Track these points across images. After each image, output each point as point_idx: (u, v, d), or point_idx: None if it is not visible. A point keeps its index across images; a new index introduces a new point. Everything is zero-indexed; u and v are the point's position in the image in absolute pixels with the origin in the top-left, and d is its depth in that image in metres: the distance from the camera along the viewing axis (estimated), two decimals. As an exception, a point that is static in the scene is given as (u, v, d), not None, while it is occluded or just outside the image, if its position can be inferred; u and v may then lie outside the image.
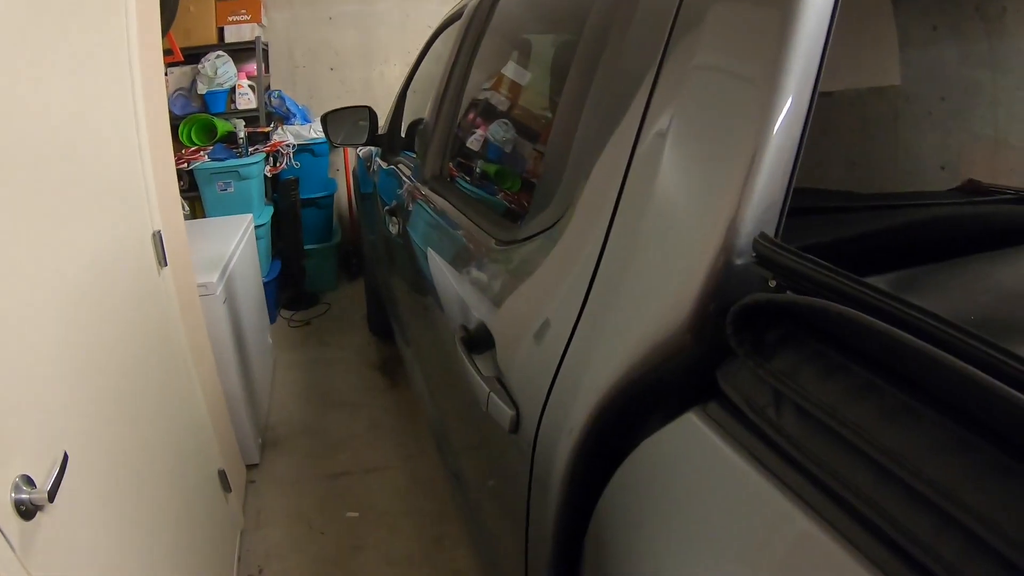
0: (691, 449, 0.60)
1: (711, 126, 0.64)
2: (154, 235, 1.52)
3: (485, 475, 1.18)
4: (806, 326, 0.55)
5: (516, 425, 0.88)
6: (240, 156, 3.57)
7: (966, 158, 1.15)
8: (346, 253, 4.54)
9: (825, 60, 0.58)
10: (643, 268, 0.69)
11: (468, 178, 1.61)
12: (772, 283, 0.57)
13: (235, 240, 2.58)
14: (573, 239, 0.84)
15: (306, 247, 4.03)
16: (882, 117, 1.16)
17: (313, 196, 4.04)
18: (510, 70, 1.53)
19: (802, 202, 0.60)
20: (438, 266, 1.39)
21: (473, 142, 1.61)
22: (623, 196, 0.74)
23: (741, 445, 0.55)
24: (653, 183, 0.69)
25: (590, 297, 0.76)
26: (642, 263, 0.70)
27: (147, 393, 1.37)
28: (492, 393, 0.93)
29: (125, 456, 1.19)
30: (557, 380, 0.79)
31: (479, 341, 1.05)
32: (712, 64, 0.66)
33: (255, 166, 3.54)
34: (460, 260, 1.29)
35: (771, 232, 0.59)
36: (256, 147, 3.74)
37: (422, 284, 1.53)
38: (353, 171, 3.56)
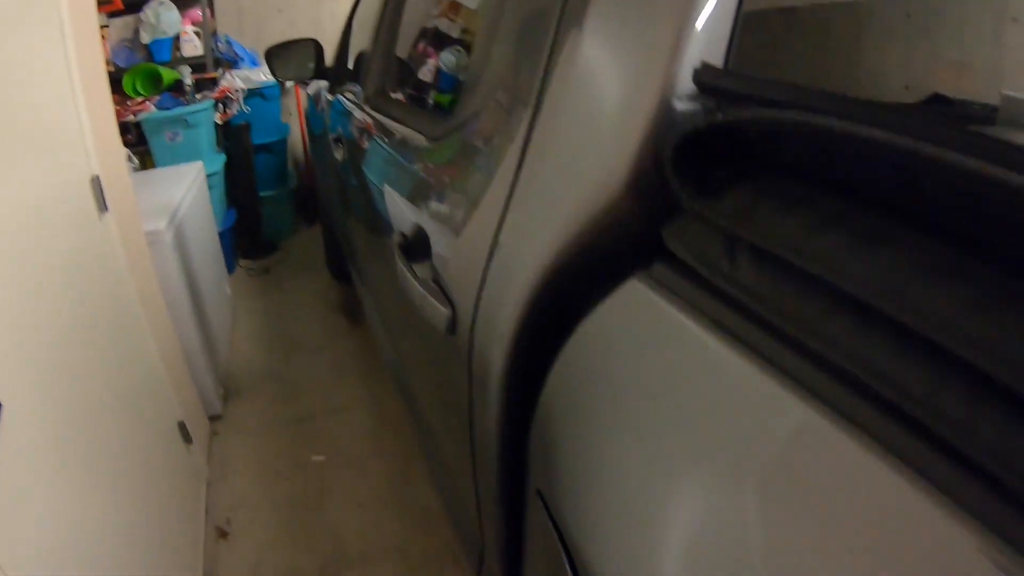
0: (635, 320, 0.54)
1: None
2: (92, 180, 1.46)
3: (432, 392, 1.16)
4: (760, 157, 0.48)
5: (453, 325, 0.84)
6: (188, 104, 3.46)
7: (931, 78, 1.13)
8: (303, 198, 4.45)
9: None
10: (575, 131, 0.62)
11: (404, 90, 1.59)
12: (719, 117, 0.47)
13: (184, 188, 2.51)
14: (501, 117, 0.78)
15: (261, 194, 3.94)
16: (845, 34, 1.14)
17: (266, 141, 3.94)
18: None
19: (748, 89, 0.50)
20: (379, 181, 1.36)
21: (411, 58, 1.59)
22: (552, 59, 0.66)
23: (693, 306, 0.48)
24: (581, 36, 0.62)
25: (520, 176, 0.69)
26: (574, 125, 0.62)
27: (94, 342, 1.33)
28: (428, 295, 0.89)
29: (72, 408, 1.16)
30: (489, 270, 0.73)
31: (417, 247, 1.01)
32: None
33: (203, 113, 3.43)
34: (397, 168, 1.25)
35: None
36: (204, 94, 3.62)
37: (369, 208, 1.49)
38: (305, 112, 3.47)
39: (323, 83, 2.48)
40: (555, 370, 0.62)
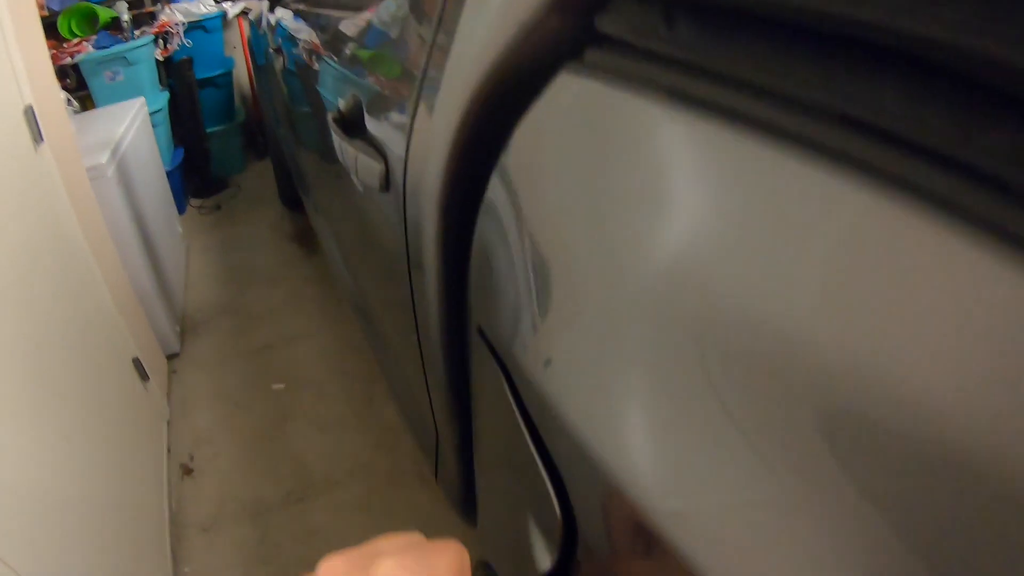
0: (570, 115, 0.48)
1: None
2: (26, 110, 1.42)
3: (376, 282, 1.15)
4: None
5: (386, 180, 0.82)
6: (126, 42, 3.33)
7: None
8: (252, 132, 4.36)
9: None
10: None
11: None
12: None
13: (125, 123, 2.45)
14: None
15: (208, 130, 3.85)
16: None
17: (210, 75, 3.83)
18: None
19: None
20: (318, 69, 1.33)
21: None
22: None
23: (633, 81, 0.42)
24: None
25: (446, 7, 0.65)
26: None
27: (37, 276, 1.31)
28: (360, 153, 0.88)
29: (17, 342, 1.15)
30: (417, 110, 0.70)
31: (352, 117, 0.98)
32: None
33: (143, 49, 3.31)
34: (333, 45, 1.22)
35: None
36: (143, 30, 3.48)
37: (314, 120, 1.46)
38: (249, 43, 3.37)
39: (265, 4, 2.41)
40: (488, 193, 0.57)
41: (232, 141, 4.08)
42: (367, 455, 1.94)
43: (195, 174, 3.89)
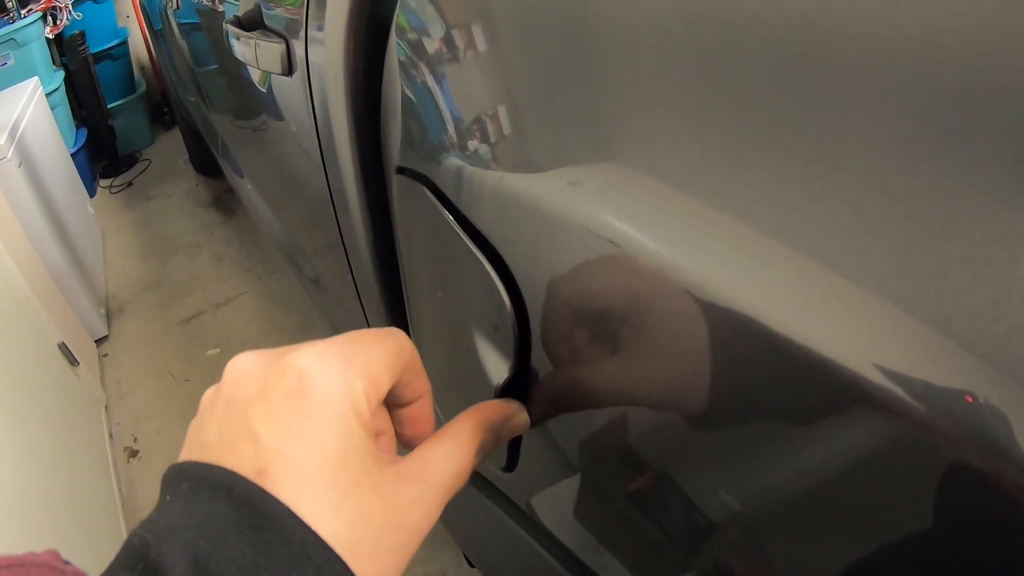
0: None
1: None
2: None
3: (294, 191, 1.16)
4: None
5: (288, 61, 0.82)
6: (13, 22, 3.18)
7: None
8: (156, 103, 4.22)
9: None
10: None
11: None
12: None
13: (20, 106, 2.36)
14: None
15: (110, 105, 3.71)
16: None
17: (105, 48, 3.68)
18: None
19: None
20: (219, 7, 1.30)
21: None
22: None
23: None
24: None
25: None
26: None
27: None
28: (260, 41, 0.88)
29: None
30: None
31: (250, 18, 0.97)
32: None
33: (31, 28, 3.15)
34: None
35: None
36: (29, 8, 3.33)
37: (216, 53, 1.44)
38: (142, 6, 3.24)
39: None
40: (389, 41, 0.56)
41: (136, 114, 3.94)
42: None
43: (101, 153, 3.77)
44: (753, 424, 0.29)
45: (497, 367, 0.45)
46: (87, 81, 3.55)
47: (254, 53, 0.90)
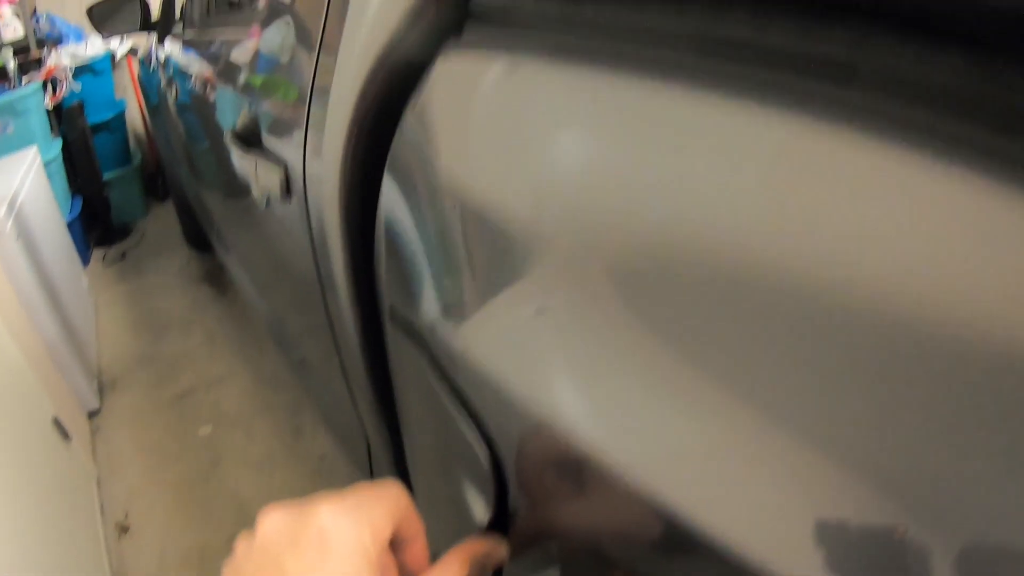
0: (454, 91, 0.49)
1: None
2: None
3: (287, 294, 1.16)
4: None
5: (287, 185, 0.83)
6: (13, 90, 3.19)
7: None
8: (150, 175, 4.24)
9: None
10: None
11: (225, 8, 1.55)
12: None
13: (20, 175, 2.36)
14: None
15: (105, 176, 3.72)
16: None
17: (103, 119, 3.70)
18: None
19: None
20: (213, 96, 1.33)
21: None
22: None
23: (514, 47, 0.44)
24: None
25: (329, 13, 0.69)
26: None
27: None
28: (260, 162, 0.89)
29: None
30: (311, 114, 0.73)
31: (251, 133, 1.00)
32: None
33: (32, 98, 3.17)
34: (226, 70, 1.23)
35: None
36: (30, 76, 3.35)
37: (211, 139, 1.45)
38: (140, 82, 3.29)
39: (153, 40, 2.37)
40: (384, 182, 0.58)
41: (131, 186, 3.96)
42: (302, 485, 1.92)
43: (96, 223, 3.76)
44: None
45: (479, 509, 0.52)
46: (84, 151, 3.56)
47: (255, 174, 0.92)
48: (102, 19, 2.25)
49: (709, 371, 0.30)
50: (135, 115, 4.19)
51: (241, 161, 0.97)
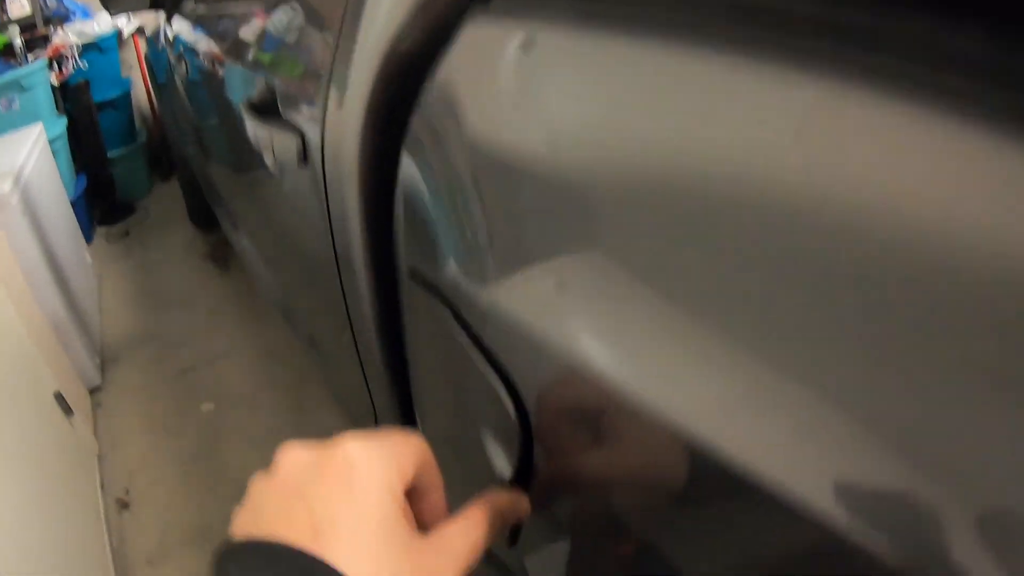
0: (481, 58, 0.49)
1: None
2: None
3: (298, 263, 1.16)
4: None
5: (304, 153, 0.83)
6: (20, 66, 3.18)
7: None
8: (155, 153, 4.23)
9: None
10: None
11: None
12: None
13: (25, 150, 2.36)
14: None
15: (110, 154, 3.72)
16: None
17: (108, 97, 3.70)
18: None
19: None
20: (224, 73, 1.32)
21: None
22: None
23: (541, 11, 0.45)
24: None
25: None
26: None
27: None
28: (276, 132, 0.88)
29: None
30: (332, 79, 0.72)
31: (266, 104, 0.99)
32: None
33: (38, 74, 3.16)
34: (238, 46, 1.22)
35: None
36: (36, 53, 3.36)
37: (221, 114, 1.44)
38: (147, 60, 3.27)
39: (162, 18, 2.35)
40: (407, 142, 0.58)
41: (136, 164, 3.96)
42: (305, 463, 1.91)
43: (100, 200, 3.76)
44: (728, 499, 0.32)
45: (501, 463, 0.51)
46: (89, 129, 3.57)
47: (270, 143, 0.91)
48: (110, -6, 2.23)
49: (738, 311, 0.30)
50: (141, 93, 4.18)
51: (256, 131, 0.97)
